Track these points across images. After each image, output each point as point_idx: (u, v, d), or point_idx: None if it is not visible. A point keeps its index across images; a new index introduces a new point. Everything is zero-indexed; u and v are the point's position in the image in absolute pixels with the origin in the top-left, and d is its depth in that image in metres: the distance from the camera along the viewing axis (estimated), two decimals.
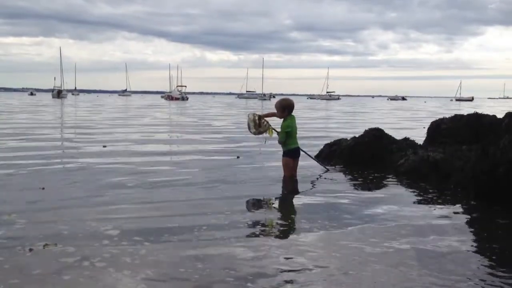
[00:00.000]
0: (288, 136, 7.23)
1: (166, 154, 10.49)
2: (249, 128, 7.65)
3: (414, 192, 6.66)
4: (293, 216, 5.43)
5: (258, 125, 7.56)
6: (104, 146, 11.35)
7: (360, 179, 7.60)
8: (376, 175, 7.85)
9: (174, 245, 4.19)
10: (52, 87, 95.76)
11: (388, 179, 7.56)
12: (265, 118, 7.62)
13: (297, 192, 6.68)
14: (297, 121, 7.57)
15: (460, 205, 5.91)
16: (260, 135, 7.72)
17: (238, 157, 9.79)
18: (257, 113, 7.78)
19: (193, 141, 13.53)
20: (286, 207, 5.90)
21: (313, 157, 8.80)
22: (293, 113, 7.47)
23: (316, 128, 19.35)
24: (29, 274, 3.49)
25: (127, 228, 4.67)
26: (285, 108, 7.36)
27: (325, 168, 8.33)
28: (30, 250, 3.97)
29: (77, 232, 4.51)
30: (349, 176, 7.82)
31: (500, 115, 8.21)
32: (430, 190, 6.70)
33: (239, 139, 13.48)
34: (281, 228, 4.90)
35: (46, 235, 4.37)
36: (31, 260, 3.77)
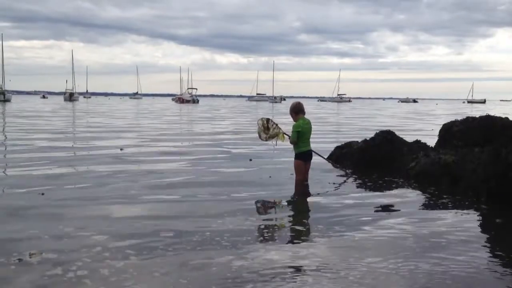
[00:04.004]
0: (299, 138, 7.17)
1: (178, 155, 10.53)
2: (259, 136, 7.66)
3: (425, 196, 6.63)
4: (303, 221, 5.41)
5: (267, 127, 7.54)
6: (121, 149, 11.50)
7: (371, 183, 7.58)
8: (387, 178, 7.82)
9: (173, 248, 4.16)
10: (64, 90, 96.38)
11: (399, 183, 7.52)
12: (274, 121, 7.63)
13: (308, 196, 6.67)
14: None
15: (472, 209, 5.87)
16: (272, 139, 7.67)
17: (250, 159, 9.80)
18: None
19: (206, 144, 13.57)
20: (296, 212, 5.86)
21: (327, 159, 8.78)
22: (306, 117, 7.42)
23: (328, 130, 19.29)
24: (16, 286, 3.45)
25: (121, 234, 4.62)
26: (293, 109, 7.37)
27: (343, 170, 8.32)
28: (20, 260, 3.91)
29: (64, 239, 4.45)
30: (360, 180, 7.79)
31: None
32: (441, 194, 6.66)
33: (251, 143, 13.49)
34: (290, 234, 4.89)
35: (35, 243, 4.33)
36: (19, 270, 3.71)
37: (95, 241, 4.40)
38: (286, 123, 7.51)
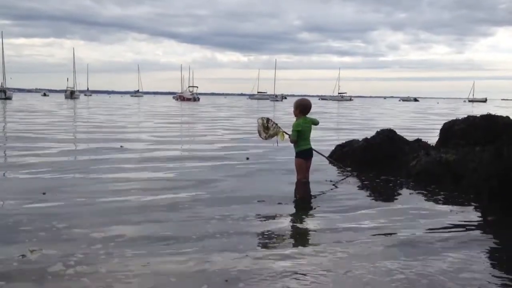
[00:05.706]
0: (299, 137, 7.15)
1: (177, 151, 10.53)
2: (259, 134, 7.62)
3: (425, 195, 6.60)
4: (303, 221, 5.32)
5: (266, 127, 7.51)
6: (121, 146, 11.53)
7: (371, 181, 7.56)
8: (387, 177, 7.80)
9: (169, 254, 4.07)
10: (64, 88, 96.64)
11: (399, 181, 7.50)
12: (273, 120, 7.59)
13: (309, 196, 6.63)
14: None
15: (473, 208, 5.85)
16: (271, 139, 7.63)
17: (247, 158, 9.77)
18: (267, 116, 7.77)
19: (204, 141, 13.56)
20: (297, 213, 5.77)
21: (328, 157, 8.77)
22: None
23: (329, 129, 19.28)
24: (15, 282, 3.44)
25: (118, 233, 4.57)
26: (298, 106, 7.32)
27: (344, 169, 8.30)
28: (23, 256, 3.88)
29: (64, 237, 4.43)
30: (360, 178, 7.77)
31: None
32: (442, 193, 6.64)
33: (248, 140, 13.47)
34: (291, 237, 4.81)
35: (35, 239, 4.32)
36: (19, 266, 3.69)
37: (95, 237, 4.39)
38: (289, 122, 7.47)
